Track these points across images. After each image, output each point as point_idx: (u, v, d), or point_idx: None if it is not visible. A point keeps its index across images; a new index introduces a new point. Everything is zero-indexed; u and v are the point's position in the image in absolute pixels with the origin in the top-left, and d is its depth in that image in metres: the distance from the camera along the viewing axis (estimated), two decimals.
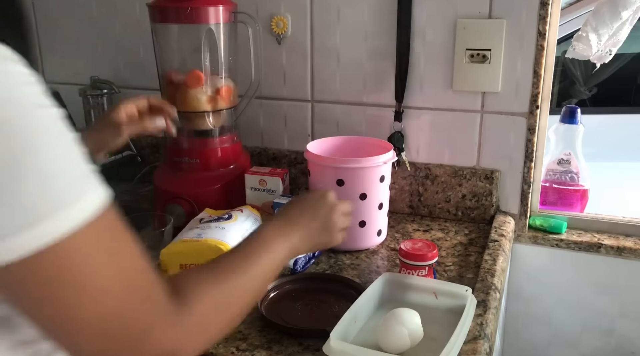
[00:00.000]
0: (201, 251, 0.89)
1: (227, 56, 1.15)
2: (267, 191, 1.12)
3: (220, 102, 1.15)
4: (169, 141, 1.18)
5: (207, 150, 1.16)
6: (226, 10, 1.11)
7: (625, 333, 1.18)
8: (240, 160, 1.20)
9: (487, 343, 0.79)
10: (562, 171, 1.28)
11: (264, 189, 1.12)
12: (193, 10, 1.07)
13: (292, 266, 0.97)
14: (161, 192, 1.16)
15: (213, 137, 1.17)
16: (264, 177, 1.12)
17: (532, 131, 1.13)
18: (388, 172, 1.07)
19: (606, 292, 1.17)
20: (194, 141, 1.17)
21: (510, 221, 1.17)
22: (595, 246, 1.14)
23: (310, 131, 1.30)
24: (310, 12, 1.22)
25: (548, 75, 1.11)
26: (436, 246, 0.92)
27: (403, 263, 0.91)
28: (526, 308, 1.24)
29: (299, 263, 0.97)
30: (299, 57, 1.25)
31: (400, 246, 0.92)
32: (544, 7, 1.06)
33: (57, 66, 1.49)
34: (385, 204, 1.08)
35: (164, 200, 1.14)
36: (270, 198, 1.11)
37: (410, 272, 0.90)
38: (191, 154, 1.15)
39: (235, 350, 0.78)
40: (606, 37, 1.08)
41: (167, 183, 1.16)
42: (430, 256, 0.90)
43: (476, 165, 1.19)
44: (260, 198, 1.12)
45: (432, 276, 0.91)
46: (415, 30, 1.16)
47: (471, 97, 1.16)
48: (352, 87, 1.24)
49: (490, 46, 1.11)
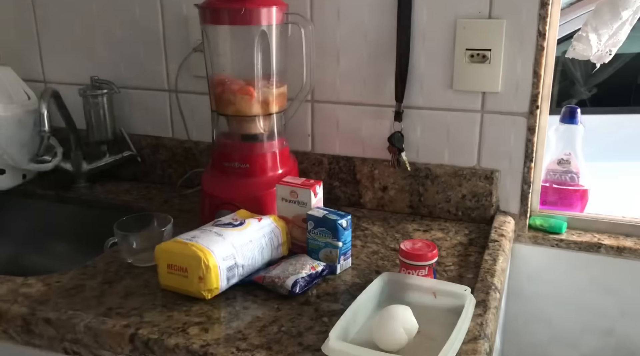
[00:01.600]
0: (185, 254, 0.88)
1: (279, 58, 1.12)
2: (297, 203, 1.03)
3: (271, 106, 1.12)
4: (216, 145, 1.16)
5: (258, 155, 1.13)
6: (279, 11, 1.09)
7: (625, 333, 1.18)
8: (288, 165, 1.17)
9: (487, 343, 0.79)
10: (562, 171, 1.28)
11: (295, 201, 1.03)
12: (247, 11, 1.04)
13: (291, 288, 0.90)
14: (210, 197, 1.13)
15: (263, 142, 1.14)
16: (295, 188, 1.03)
17: (532, 131, 1.13)
18: None
19: (606, 292, 1.17)
20: (244, 145, 1.14)
21: (510, 221, 1.17)
22: (595, 246, 1.14)
23: (310, 131, 1.30)
24: (310, 12, 1.22)
25: (548, 75, 1.11)
26: (436, 246, 0.92)
27: (403, 263, 0.91)
28: (526, 308, 1.24)
29: (298, 286, 0.91)
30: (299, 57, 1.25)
31: (400, 246, 0.92)
32: (544, 7, 1.06)
33: (57, 66, 1.49)
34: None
35: (212, 205, 1.12)
36: (300, 210, 1.02)
37: (410, 272, 0.90)
38: (242, 159, 1.12)
39: (235, 350, 0.78)
40: (606, 37, 1.08)
41: (217, 188, 1.13)
42: (430, 256, 0.90)
43: (476, 165, 1.19)
44: (290, 210, 1.04)
45: (432, 276, 0.91)
46: (415, 30, 1.16)
47: (471, 97, 1.16)
48: (352, 87, 1.24)
49: (490, 46, 1.11)
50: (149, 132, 1.44)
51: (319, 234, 0.99)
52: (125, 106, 1.44)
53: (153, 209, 1.26)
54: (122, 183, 1.45)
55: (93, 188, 1.41)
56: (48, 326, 0.85)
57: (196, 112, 1.37)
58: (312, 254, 1.00)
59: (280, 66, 1.13)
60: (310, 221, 1.00)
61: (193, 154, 1.39)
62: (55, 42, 1.47)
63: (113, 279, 0.97)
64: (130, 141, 1.43)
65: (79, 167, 1.40)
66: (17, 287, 0.94)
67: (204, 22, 1.11)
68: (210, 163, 1.19)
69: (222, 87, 1.12)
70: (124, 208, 1.31)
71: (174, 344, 0.79)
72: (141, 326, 0.83)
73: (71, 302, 0.90)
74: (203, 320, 0.85)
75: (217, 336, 0.81)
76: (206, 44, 1.13)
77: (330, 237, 0.98)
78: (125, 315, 0.86)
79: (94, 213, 1.35)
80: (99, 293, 0.93)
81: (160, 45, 1.37)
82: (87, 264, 1.02)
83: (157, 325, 0.83)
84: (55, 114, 1.37)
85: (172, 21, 1.34)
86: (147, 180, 1.46)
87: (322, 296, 0.92)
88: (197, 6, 1.09)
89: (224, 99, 1.12)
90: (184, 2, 1.31)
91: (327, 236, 0.98)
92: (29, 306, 0.88)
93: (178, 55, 1.34)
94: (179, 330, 0.82)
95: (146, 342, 0.80)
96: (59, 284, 0.95)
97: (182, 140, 1.40)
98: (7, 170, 1.36)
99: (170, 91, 1.39)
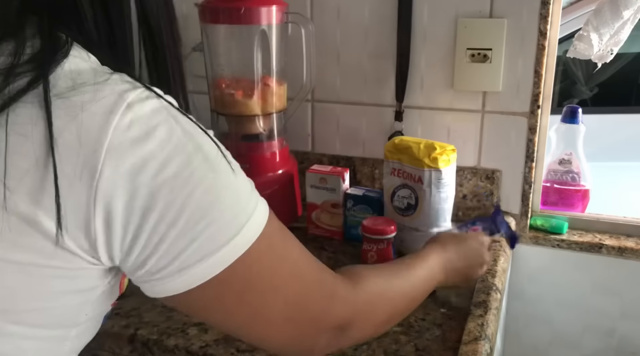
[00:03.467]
0: None
1: (279, 58, 1.12)
2: (327, 190, 1.12)
3: (271, 106, 1.12)
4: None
5: (258, 155, 1.13)
6: (279, 10, 1.09)
7: (626, 334, 1.18)
8: (288, 165, 1.17)
9: (488, 344, 0.79)
10: (563, 171, 1.27)
11: (324, 187, 1.12)
12: (247, 10, 1.04)
13: None
14: None
15: (263, 142, 1.14)
16: (324, 175, 1.11)
17: (533, 130, 1.13)
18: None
19: (607, 292, 1.17)
20: (244, 145, 1.14)
21: (511, 221, 1.17)
22: (597, 247, 1.14)
23: (310, 131, 1.30)
24: (310, 12, 1.22)
25: (549, 75, 1.11)
26: (395, 223, 0.98)
27: (365, 238, 0.98)
28: (527, 309, 1.24)
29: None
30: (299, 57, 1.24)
31: (363, 223, 0.99)
32: (545, 6, 1.06)
33: None
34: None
35: None
36: (330, 196, 1.11)
37: (372, 245, 0.97)
38: (241, 159, 1.12)
39: (234, 351, 0.77)
40: (607, 37, 1.08)
41: None
42: (389, 230, 0.97)
43: (477, 165, 1.19)
44: (320, 196, 1.12)
45: (392, 250, 0.98)
46: (416, 29, 1.15)
47: (472, 97, 1.15)
48: (352, 87, 1.24)
49: (491, 46, 1.10)
50: None
51: (359, 210, 1.09)
52: None
53: None
54: None
55: None
56: None
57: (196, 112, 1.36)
58: (352, 229, 1.10)
59: (280, 65, 1.13)
60: (349, 199, 1.10)
61: None
62: None
63: None
64: None
65: None
66: None
67: (204, 22, 1.11)
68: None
69: (222, 87, 1.12)
70: None
71: (173, 345, 0.79)
72: (140, 326, 0.82)
73: None
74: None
75: (217, 336, 0.80)
76: (206, 44, 1.13)
77: (371, 212, 1.08)
78: (124, 315, 0.86)
79: None
80: None
81: None
82: None
83: (157, 326, 0.83)
84: None
85: None
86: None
87: None
88: (196, 5, 1.09)
89: (223, 99, 1.12)
90: (184, 2, 1.31)
91: (368, 212, 1.08)
92: None
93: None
94: (178, 331, 0.82)
95: (145, 343, 0.80)
96: None
97: None
98: None
99: None
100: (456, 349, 0.78)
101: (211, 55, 1.13)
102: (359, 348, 0.78)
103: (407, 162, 1.01)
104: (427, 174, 0.98)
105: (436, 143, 1.00)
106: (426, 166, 0.98)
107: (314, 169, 1.14)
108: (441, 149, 0.99)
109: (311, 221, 1.14)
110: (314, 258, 0.58)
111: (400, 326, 0.83)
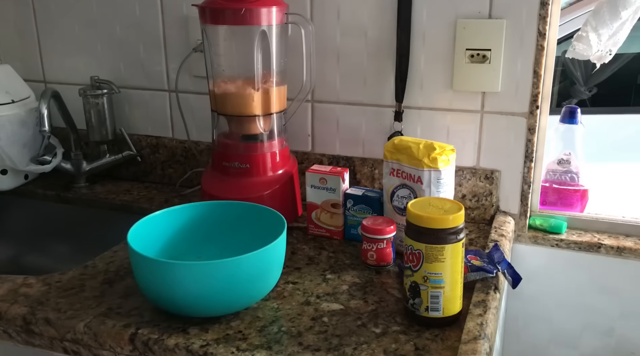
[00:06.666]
0: None
1: (279, 58, 1.13)
2: (327, 190, 1.12)
3: (271, 106, 1.13)
4: (216, 145, 1.16)
5: (258, 155, 1.13)
6: (279, 11, 1.09)
7: (625, 333, 1.18)
8: (288, 165, 1.17)
9: (487, 343, 0.79)
10: (562, 171, 1.28)
11: (324, 187, 1.12)
12: (247, 11, 1.05)
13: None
14: (210, 197, 1.13)
15: (263, 142, 1.14)
16: (324, 175, 1.11)
17: (532, 131, 1.13)
18: None
19: (606, 292, 1.17)
20: (244, 145, 1.14)
21: (510, 221, 1.17)
22: (595, 246, 1.14)
23: (310, 131, 1.30)
24: (310, 12, 1.22)
25: (548, 75, 1.11)
26: (394, 223, 1.00)
27: (364, 237, 1.00)
28: (526, 308, 1.24)
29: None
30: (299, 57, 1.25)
31: (362, 222, 1.01)
32: (544, 7, 1.06)
33: (57, 66, 1.49)
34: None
35: None
36: (329, 196, 1.11)
37: (371, 245, 0.99)
38: (241, 159, 1.13)
39: (235, 350, 0.78)
40: (606, 37, 1.08)
41: (216, 188, 1.13)
42: (389, 230, 0.99)
43: (476, 165, 1.19)
44: (320, 196, 1.12)
45: (391, 250, 1.00)
46: (415, 30, 1.16)
47: (471, 97, 1.16)
48: (352, 87, 1.24)
49: (490, 46, 1.11)
50: (149, 132, 1.44)
51: (359, 210, 1.09)
52: (125, 106, 1.44)
53: (153, 209, 1.26)
54: (122, 183, 1.45)
55: (93, 188, 1.41)
56: (48, 326, 0.85)
57: (196, 112, 1.37)
58: (351, 229, 1.11)
59: (280, 65, 1.13)
60: (349, 199, 1.10)
61: (193, 154, 1.39)
62: (56, 42, 1.47)
63: (113, 279, 0.97)
64: (130, 141, 1.43)
65: (79, 167, 1.40)
66: (17, 287, 0.94)
67: (204, 22, 1.11)
68: (210, 163, 1.19)
69: (222, 87, 1.13)
70: (124, 208, 1.32)
71: (174, 344, 0.79)
72: (141, 326, 0.83)
73: (71, 302, 0.90)
74: (203, 320, 0.85)
75: (217, 336, 0.81)
76: (206, 44, 1.13)
77: (370, 212, 1.08)
78: (125, 315, 0.86)
79: (94, 213, 1.35)
80: (99, 293, 0.93)
81: (160, 45, 1.37)
82: (87, 264, 1.02)
83: (157, 325, 0.83)
84: (55, 114, 1.37)
85: (172, 21, 1.34)
86: (147, 180, 1.46)
87: (322, 296, 0.92)
88: (196, 6, 1.09)
89: (224, 99, 1.12)
90: (184, 2, 1.31)
91: (367, 212, 1.08)
92: (29, 306, 0.88)
93: (178, 55, 1.35)
94: (178, 330, 0.82)
95: (146, 342, 0.80)
96: (59, 285, 0.95)
97: (182, 140, 1.41)
98: (9, 171, 1.35)
99: (170, 91, 1.39)
100: (455, 348, 0.78)
101: (211, 55, 1.13)
102: (358, 348, 0.78)
103: (406, 163, 1.01)
104: (427, 174, 0.99)
105: (435, 143, 1.01)
106: (425, 166, 0.98)
107: (313, 169, 1.14)
108: (440, 149, 0.99)
109: (311, 221, 1.14)
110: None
111: (400, 326, 0.83)
